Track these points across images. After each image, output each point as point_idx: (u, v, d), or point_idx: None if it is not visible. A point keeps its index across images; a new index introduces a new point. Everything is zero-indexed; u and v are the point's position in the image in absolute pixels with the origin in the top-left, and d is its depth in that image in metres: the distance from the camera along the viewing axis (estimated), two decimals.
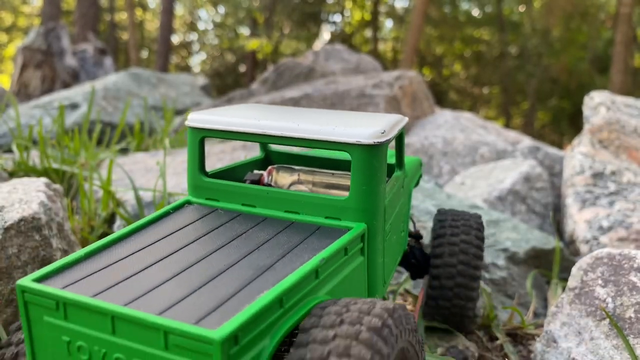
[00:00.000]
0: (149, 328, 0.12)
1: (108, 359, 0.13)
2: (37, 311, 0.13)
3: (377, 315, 0.12)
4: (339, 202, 0.17)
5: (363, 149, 0.16)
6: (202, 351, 0.11)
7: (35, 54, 1.49)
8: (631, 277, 0.24)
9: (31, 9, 4.79)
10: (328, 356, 0.12)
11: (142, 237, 0.16)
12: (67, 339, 0.13)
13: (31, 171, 0.45)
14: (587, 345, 0.23)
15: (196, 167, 0.19)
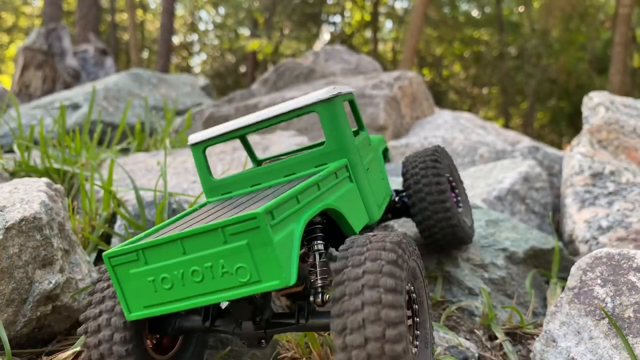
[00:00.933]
0: (209, 232, 0.16)
1: (186, 276, 0.16)
2: (124, 269, 0.17)
3: (390, 250, 0.16)
4: (320, 151, 0.22)
5: (324, 103, 0.21)
6: (251, 227, 0.15)
7: (36, 55, 1.49)
8: (630, 276, 0.24)
9: (32, 10, 4.80)
10: (363, 289, 0.15)
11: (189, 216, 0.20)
12: (151, 278, 0.17)
13: (32, 171, 0.45)
14: (586, 344, 0.23)
15: (206, 174, 0.23)
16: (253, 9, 4.33)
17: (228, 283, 0.16)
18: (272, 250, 0.15)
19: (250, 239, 0.15)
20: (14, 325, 0.26)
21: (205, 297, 0.16)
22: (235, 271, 0.16)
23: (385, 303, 0.15)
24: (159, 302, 0.17)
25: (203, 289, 0.16)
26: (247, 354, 0.22)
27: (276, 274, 0.15)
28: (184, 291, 0.16)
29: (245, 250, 0.15)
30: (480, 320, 0.28)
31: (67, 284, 0.28)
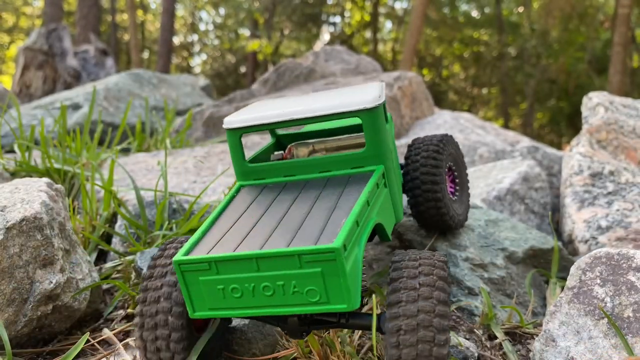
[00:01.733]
0: (286, 256, 0.17)
1: (257, 290, 0.18)
2: (193, 275, 0.18)
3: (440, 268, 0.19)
4: (360, 154, 0.23)
5: (369, 112, 0.22)
6: (327, 259, 0.17)
7: (37, 55, 1.49)
8: (629, 276, 0.24)
9: (33, 10, 4.81)
10: (418, 298, 0.18)
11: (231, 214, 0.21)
12: (221, 287, 0.18)
13: (33, 171, 0.46)
14: (586, 344, 0.23)
15: (240, 159, 0.24)
16: (253, 9, 4.33)
17: (297, 300, 0.18)
18: (345, 280, 0.17)
19: (325, 268, 0.17)
20: (15, 325, 0.26)
21: (273, 309, 0.18)
22: (305, 292, 0.17)
23: (437, 313, 0.18)
24: (226, 306, 0.18)
25: (272, 302, 0.18)
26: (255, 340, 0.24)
27: (345, 299, 0.17)
28: (252, 301, 0.18)
29: (319, 276, 0.17)
30: (479, 320, 0.28)
31: (67, 283, 0.28)
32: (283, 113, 0.23)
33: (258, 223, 0.20)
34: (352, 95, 0.23)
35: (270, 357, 0.24)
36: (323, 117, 0.22)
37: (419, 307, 0.18)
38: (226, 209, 0.22)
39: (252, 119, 0.23)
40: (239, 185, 0.24)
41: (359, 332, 0.26)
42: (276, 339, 0.26)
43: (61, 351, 0.27)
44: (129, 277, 0.33)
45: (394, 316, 0.18)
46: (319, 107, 0.22)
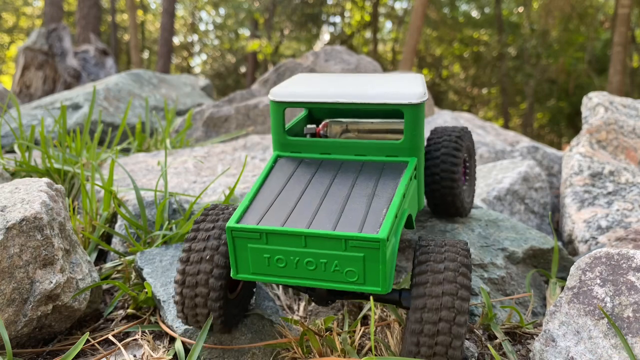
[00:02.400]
0: (334, 239, 0.19)
1: (300, 263, 0.19)
2: (243, 242, 0.20)
3: (464, 255, 0.21)
4: (396, 144, 0.24)
5: (414, 107, 0.23)
6: (372, 247, 0.19)
7: (37, 55, 1.49)
8: (629, 276, 0.24)
9: (33, 10, 4.80)
10: (443, 281, 0.20)
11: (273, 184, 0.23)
12: (267, 255, 0.20)
13: (33, 171, 0.45)
14: (586, 344, 0.23)
15: (281, 131, 0.25)
16: (253, 9, 4.33)
17: (336, 277, 0.19)
18: (383, 267, 0.19)
19: (367, 254, 0.19)
20: (15, 325, 0.26)
21: (312, 282, 0.20)
22: (345, 272, 0.19)
23: (459, 296, 0.20)
24: (268, 273, 0.20)
25: (312, 275, 0.20)
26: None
27: (380, 284, 0.19)
28: (294, 272, 0.20)
29: (360, 260, 0.19)
30: (479, 319, 0.28)
31: (67, 283, 0.28)
32: (329, 94, 0.23)
33: (301, 199, 0.21)
34: (397, 86, 0.24)
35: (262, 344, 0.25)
36: (369, 105, 0.23)
37: (444, 289, 0.20)
38: (267, 179, 0.23)
39: (299, 94, 0.23)
40: (276, 155, 0.25)
41: (359, 332, 0.27)
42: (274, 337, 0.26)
43: (61, 351, 0.27)
44: (129, 277, 0.33)
45: (419, 295, 0.20)
46: (366, 94, 0.23)
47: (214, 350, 0.25)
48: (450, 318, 0.19)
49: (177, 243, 0.34)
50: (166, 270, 0.31)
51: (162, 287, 0.29)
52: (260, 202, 0.21)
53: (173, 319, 0.27)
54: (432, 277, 0.20)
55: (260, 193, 0.22)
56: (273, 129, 0.24)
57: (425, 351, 0.19)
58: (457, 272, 0.20)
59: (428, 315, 0.19)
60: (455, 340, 0.19)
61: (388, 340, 0.26)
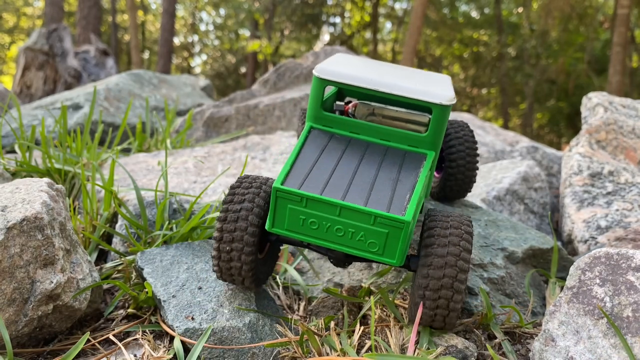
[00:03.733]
0: (365, 214, 0.22)
1: (331, 229, 0.23)
2: (284, 202, 0.23)
3: (467, 224, 0.24)
4: (419, 137, 0.26)
5: (443, 107, 0.26)
6: (396, 226, 0.22)
7: (38, 55, 1.50)
8: (629, 276, 0.24)
9: (33, 10, 4.80)
10: (448, 244, 0.23)
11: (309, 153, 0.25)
12: (303, 217, 0.23)
13: (34, 171, 0.45)
14: (585, 344, 0.23)
15: (319, 105, 0.27)
16: (253, 10, 4.33)
17: (359, 246, 0.23)
18: (402, 244, 0.22)
19: (391, 231, 0.22)
20: (16, 325, 0.26)
21: (337, 245, 0.23)
22: (367, 242, 0.22)
23: (462, 257, 0.23)
24: (300, 231, 0.23)
25: (338, 240, 0.23)
26: None
27: (396, 257, 0.22)
28: (323, 235, 0.23)
29: (383, 236, 0.22)
30: (479, 319, 0.28)
31: (68, 283, 0.28)
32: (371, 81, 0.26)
33: (335, 172, 0.24)
34: (431, 85, 0.26)
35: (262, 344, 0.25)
36: (405, 98, 0.26)
37: (448, 250, 0.23)
38: (304, 147, 0.26)
39: (342, 75, 0.26)
40: (310, 126, 0.27)
41: (359, 332, 0.27)
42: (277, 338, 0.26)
43: (62, 351, 0.28)
44: (129, 277, 0.33)
45: (427, 254, 0.23)
46: (403, 87, 0.26)
47: (214, 350, 0.25)
48: (452, 275, 0.22)
49: (178, 243, 0.34)
50: (166, 270, 0.31)
51: (163, 287, 0.29)
52: (299, 169, 0.24)
53: (173, 319, 0.27)
54: (439, 240, 0.23)
55: (299, 160, 0.25)
56: (311, 102, 0.27)
57: (430, 304, 0.23)
58: (461, 237, 0.23)
59: (433, 272, 0.23)
60: (456, 295, 0.23)
61: (388, 340, 0.26)
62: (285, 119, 0.76)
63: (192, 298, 0.28)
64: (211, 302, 0.28)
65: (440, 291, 0.22)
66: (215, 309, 0.27)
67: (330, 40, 4.77)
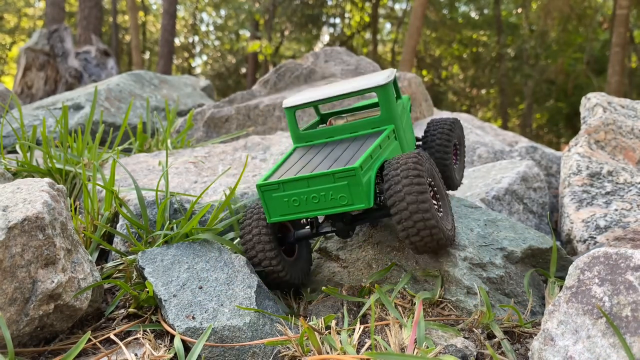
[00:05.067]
0: (325, 176, 0.28)
1: (308, 199, 0.28)
2: (268, 193, 0.29)
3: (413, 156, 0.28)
4: (376, 118, 0.33)
5: (382, 87, 0.32)
6: (351, 175, 0.27)
7: (39, 56, 1.50)
8: (628, 276, 0.24)
9: (34, 11, 4.81)
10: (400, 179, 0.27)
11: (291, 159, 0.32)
12: (286, 199, 0.29)
13: (35, 171, 0.46)
14: (584, 343, 0.23)
15: (296, 128, 0.35)
16: (253, 10, 4.34)
17: (333, 204, 0.28)
18: (362, 188, 0.27)
19: (350, 181, 0.27)
20: (17, 324, 0.26)
21: (319, 211, 0.28)
22: (338, 197, 0.27)
23: (414, 182, 0.27)
24: (289, 212, 0.29)
25: (318, 206, 0.28)
26: None
27: (363, 201, 0.27)
28: (306, 207, 0.28)
29: (346, 187, 0.27)
30: (478, 319, 0.29)
31: (69, 283, 0.28)
32: (321, 94, 0.33)
33: (309, 162, 0.30)
34: (370, 78, 0.33)
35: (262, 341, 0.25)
36: (350, 94, 0.32)
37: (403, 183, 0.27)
38: (288, 158, 0.32)
39: (301, 100, 0.34)
40: (295, 147, 0.34)
41: (359, 331, 0.27)
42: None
43: (63, 350, 0.28)
44: (130, 277, 0.33)
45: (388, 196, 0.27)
46: (346, 88, 0.33)
47: (214, 349, 0.26)
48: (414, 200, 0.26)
49: (178, 242, 0.34)
50: (167, 270, 0.31)
51: (163, 287, 0.29)
52: (280, 171, 0.30)
53: (174, 318, 0.27)
54: (392, 180, 0.27)
55: (281, 167, 0.31)
56: (290, 128, 0.34)
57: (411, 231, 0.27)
58: (408, 169, 0.27)
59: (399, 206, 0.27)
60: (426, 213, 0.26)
61: (388, 339, 0.26)
62: (285, 119, 0.76)
63: (193, 297, 0.28)
64: (212, 302, 0.28)
65: (412, 216, 0.26)
66: (215, 309, 0.27)
67: (330, 40, 4.78)
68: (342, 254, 0.35)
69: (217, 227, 0.35)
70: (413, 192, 0.26)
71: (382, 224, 0.35)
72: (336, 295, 0.31)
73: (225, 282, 0.30)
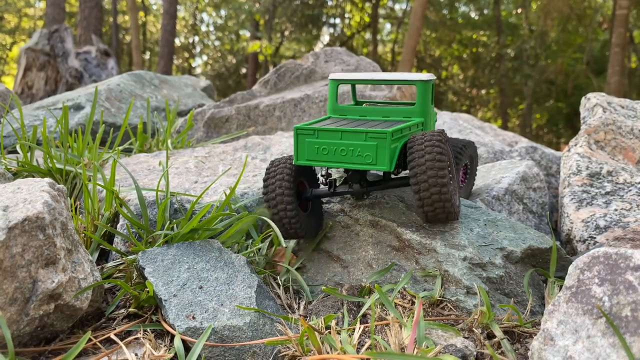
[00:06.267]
0: (358, 133, 0.31)
1: (336, 151, 0.32)
2: (302, 137, 0.32)
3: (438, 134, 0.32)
4: (410, 109, 0.37)
5: (424, 82, 0.36)
6: (381, 137, 0.31)
7: (39, 56, 1.50)
8: (627, 276, 0.24)
9: (35, 11, 4.81)
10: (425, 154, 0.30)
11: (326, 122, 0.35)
12: (317, 146, 0.32)
13: (35, 171, 0.46)
14: (584, 343, 0.23)
15: (334, 100, 0.38)
16: (254, 10, 4.34)
17: (359, 160, 0.31)
18: (388, 152, 0.31)
19: (379, 142, 0.31)
20: (17, 324, 0.26)
21: (343, 164, 0.32)
22: (364, 156, 0.31)
23: (437, 159, 0.30)
24: (317, 159, 0.32)
25: (344, 159, 0.31)
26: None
27: (385, 164, 0.31)
28: (333, 157, 0.32)
29: (374, 148, 0.31)
30: (478, 318, 0.29)
31: (69, 283, 0.28)
32: (365, 75, 0.37)
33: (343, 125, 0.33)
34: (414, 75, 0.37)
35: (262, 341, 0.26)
36: (391, 81, 0.37)
37: (426, 158, 0.30)
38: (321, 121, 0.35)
39: (346, 76, 0.37)
40: (329, 116, 0.38)
41: (359, 332, 0.27)
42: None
43: (63, 350, 0.28)
44: (130, 277, 0.33)
45: (412, 167, 0.30)
46: (389, 75, 0.37)
47: (214, 349, 0.26)
48: (434, 174, 0.30)
49: (179, 242, 0.34)
50: (167, 270, 0.31)
51: (164, 286, 0.29)
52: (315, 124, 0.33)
53: (174, 318, 0.27)
54: (417, 152, 0.30)
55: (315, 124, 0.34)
56: (330, 98, 0.38)
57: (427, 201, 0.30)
58: (434, 145, 0.30)
59: (420, 177, 0.30)
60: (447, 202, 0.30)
61: (388, 339, 0.26)
62: (285, 119, 0.76)
63: (193, 297, 0.28)
64: (212, 302, 0.28)
65: (430, 188, 0.30)
66: (216, 308, 0.27)
67: (330, 41, 4.79)
68: (342, 254, 0.35)
69: (217, 227, 0.35)
70: (435, 167, 0.29)
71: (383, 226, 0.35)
72: (336, 295, 0.31)
73: (226, 282, 0.30)
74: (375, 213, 0.35)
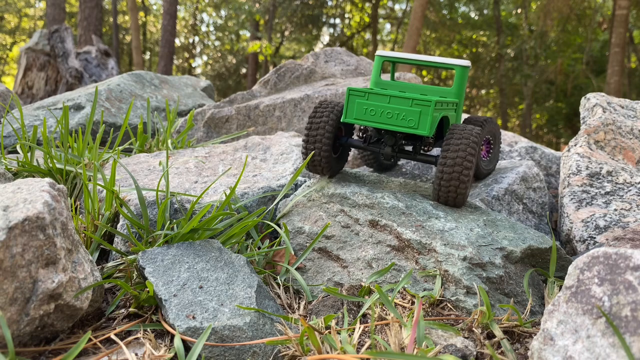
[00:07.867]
0: (404, 99, 0.35)
1: (382, 114, 0.35)
2: (354, 97, 0.36)
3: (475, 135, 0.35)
4: (447, 89, 0.41)
5: (462, 67, 0.40)
6: (426, 105, 0.35)
7: (39, 56, 1.50)
8: (627, 276, 0.24)
9: (35, 11, 4.81)
10: (458, 150, 0.34)
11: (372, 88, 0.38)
12: (365, 107, 0.36)
13: (35, 171, 0.46)
14: (584, 343, 0.23)
15: (378, 75, 0.43)
16: (254, 11, 4.34)
17: (402, 123, 0.35)
18: (430, 119, 0.34)
19: (422, 109, 0.34)
20: (17, 324, 0.26)
21: (387, 125, 0.35)
22: (407, 120, 0.35)
23: (468, 153, 0.34)
24: (364, 118, 0.36)
25: (389, 121, 0.35)
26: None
27: (426, 130, 0.34)
28: (379, 118, 0.35)
29: (417, 113, 0.34)
30: (478, 318, 0.29)
31: (70, 283, 0.28)
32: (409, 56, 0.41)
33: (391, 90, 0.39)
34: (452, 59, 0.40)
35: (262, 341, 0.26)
36: (432, 63, 0.40)
37: (457, 154, 0.34)
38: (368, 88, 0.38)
39: (392, 54, 0.42)
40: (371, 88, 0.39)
41: (359, 331, 0.27)
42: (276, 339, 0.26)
43: (63, 350, 0.28)
44: (130, 277, 0.33)
45: (444, 156, 0.34)
46: (430, 58, 0.40)
47: (215, 349, 0.26)
48: (459, 171, 0.34)
49: (179, 242, 0.34)
50: (168, 269, 0.31)
51: (164, 286, 0.29)
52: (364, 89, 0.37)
53: (174, 318, 0.27)
54: (453, 145, 0.34)
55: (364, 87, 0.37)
56: (374, 72, 0.42)
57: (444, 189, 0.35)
58: (468, 145, 0.34)
59: (448, 167, 0.34)
60: (462, 184, 0.34)
61: (388, 339, 0.26)
62: (285, 119, 0.76)
63: (193, 297, 0.28)
64: (212, 302, 0.28)
65: (453, 175, 0.34)
66: (216, 308, 0.27)
67: (330, 41, 4.79)
68: (342, 254, 0.35)
69: (217, 227, 0.35)
70: (465, 161, 0.33)
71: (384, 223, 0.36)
72: (336, 295, 0.31)
73: (226, 281, 0.30)
74: (375, 213, 0.35)
